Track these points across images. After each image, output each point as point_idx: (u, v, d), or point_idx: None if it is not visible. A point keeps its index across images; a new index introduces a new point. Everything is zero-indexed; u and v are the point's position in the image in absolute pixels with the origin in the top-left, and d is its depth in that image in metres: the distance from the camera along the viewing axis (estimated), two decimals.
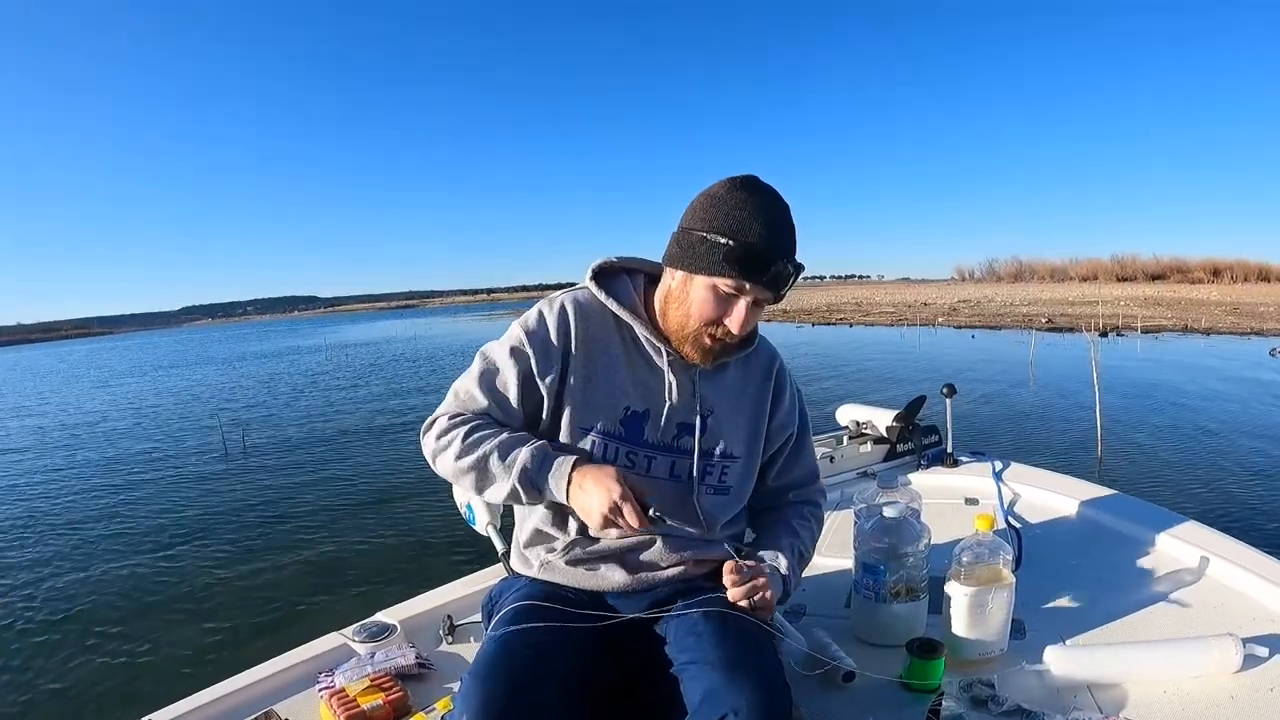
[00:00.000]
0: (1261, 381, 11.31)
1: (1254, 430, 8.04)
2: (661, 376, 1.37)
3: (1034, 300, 37.12)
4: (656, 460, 1.37)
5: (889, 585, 1.51)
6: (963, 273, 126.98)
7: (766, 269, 1.22)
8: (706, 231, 1.24)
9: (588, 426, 1.34)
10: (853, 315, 31.32)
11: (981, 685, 1.34)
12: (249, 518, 6.70)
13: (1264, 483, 6.11)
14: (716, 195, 1.26)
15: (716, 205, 1.25)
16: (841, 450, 2.65)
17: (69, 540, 6.39)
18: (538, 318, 1.38)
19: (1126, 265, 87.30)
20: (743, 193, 1.25)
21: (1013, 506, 2.28)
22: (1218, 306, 28.50)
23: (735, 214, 1.23)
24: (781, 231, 1.25)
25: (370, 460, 8.90)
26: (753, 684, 1.10)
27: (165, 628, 4.45)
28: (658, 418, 1.36)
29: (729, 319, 1.27)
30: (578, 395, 1.34)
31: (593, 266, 1.41)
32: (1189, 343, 17.98)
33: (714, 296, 1.26)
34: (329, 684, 1.51)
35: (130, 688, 3.70)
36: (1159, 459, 7.06)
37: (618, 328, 1.38)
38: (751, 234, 1.21)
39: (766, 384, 1.48)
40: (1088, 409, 7.85)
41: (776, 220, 1.24)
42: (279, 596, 4.83)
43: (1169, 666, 1.35)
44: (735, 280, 1.23)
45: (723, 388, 1.42)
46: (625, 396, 1.36)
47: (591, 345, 1.36)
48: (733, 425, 1.43)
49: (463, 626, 1.74)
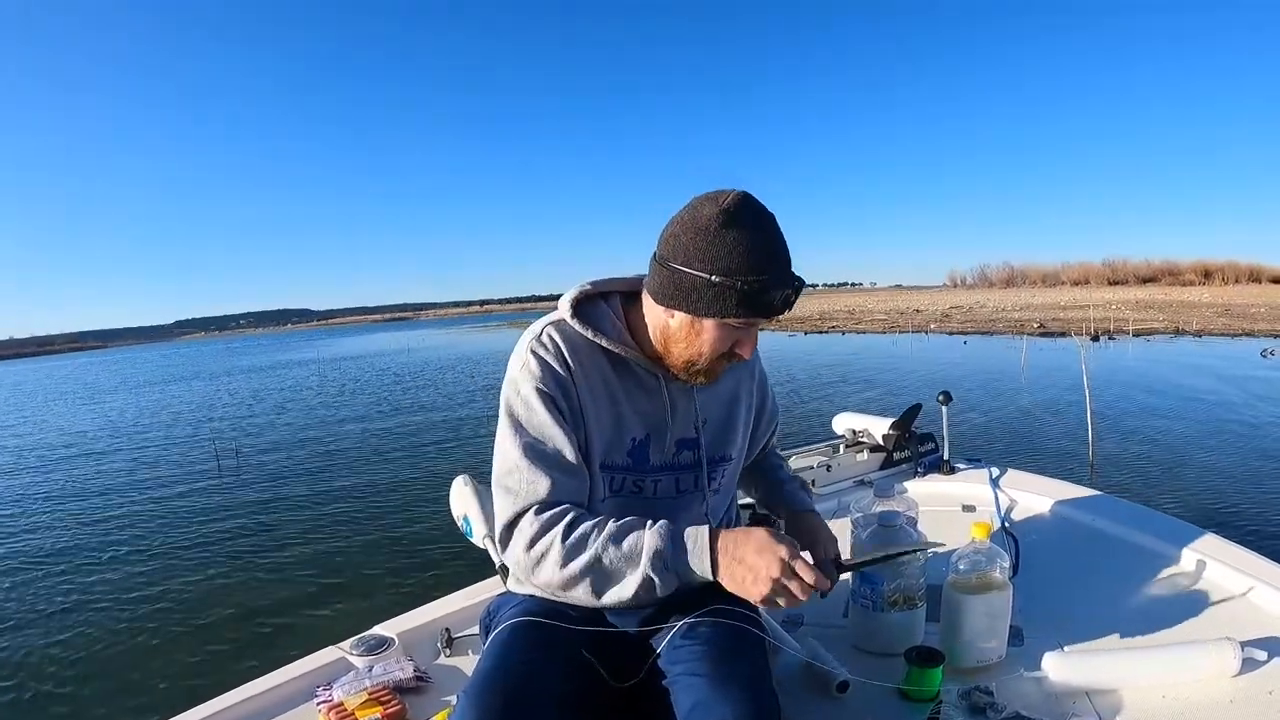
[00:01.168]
0: (1253, 383, 11.36)
1: (1245, 433, 8.08)
2: (659, 400, 1.34)
3: (1026, 305, 37.27)
4: (662, 481, 1.36)
5: (887, 594, 1.51)
6: (955, 279, 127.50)
7: (778, 301, 1.18)
8: (709, 274, 1.16)
9: (600, 464, 1.31)
10: (845, 323, 31.41)
11: (980, 693, 1.34)
12: (244, 531, 6.68)
13: (1256, 485, 6.14)
14: (712, 230, 1.16)
15: (714, 243, 1.16)
16: (838, 459, 2.65)
17: (62, 556, 6.36)
18: (539, 361, 1.27)
19: (1118, 268, 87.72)
20: (739, 225, 1.16)
21: (1010, 513, 2.28)
22: (1209, 308, 28.67)
23: (739, 252, 1.15)
24: (783, 258, 1.19)
25: (366, 473, 8.88)
26: (740, 696, 1.10)
27: (162, 642, 4.43)
28: (660, 440, 1.35)
29: (741, 348, 1.25)
30: (591, 433, 1.30)
31: (570, 297, 1.33)
32: (1180, 345, 18.09)
33: (727, 333, 1.22)
34: (327, 698, 1.50)
35: (128, 703, 3.69)
36: (1151, 461, 7.09)
37: (606, 358, 1.33)
38: (759, 270, 1.15)
39: (752, 383, 1.50)
40: (1079, 413, 7.88)
41: (782, 250, 1.19)
42: (276, 610, 4.80)
43: (1167, 671, 1.35)
44: (749, 319, 1.21)
45: (715, 395, 1.42)
46: (629, 429, 1.33)
47: (590, 380, 1.30)
48: (726, 429, 1.43)
49: (461, 639, 1.73)
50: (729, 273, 1.15)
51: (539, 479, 1.23)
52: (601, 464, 1.31)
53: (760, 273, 1.15)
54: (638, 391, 1.34)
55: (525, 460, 1.24)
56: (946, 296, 62.86)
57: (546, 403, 1.25)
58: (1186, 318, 24.20)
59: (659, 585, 1.16)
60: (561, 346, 1.28)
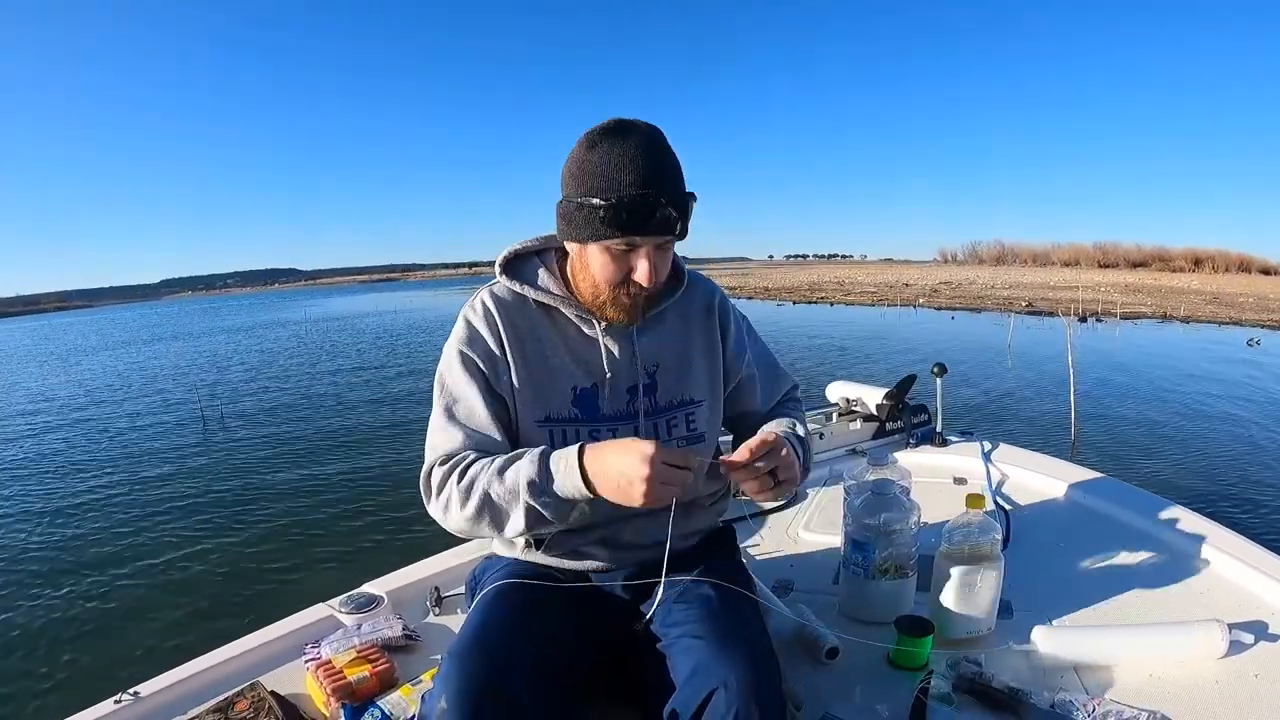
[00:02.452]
0: (1237, 370, 11.44)
1: (1226, 417, 8.15)
2: (598, 347, 1.32)
3: (1015, 284, 37.32)
4: (619, 431, 1.32)
5: (878, 562, 1.51)
6: (946, 255, 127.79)
7: (651, 217, 1.15)
8: (580, 196, 1.17)
9: (541, 418, 1.30)
10: (834, 294, 31.39)
11: (969, 664, 1.35)
12: (231, 490, 6.64)
13: (1238, 469, 6.20)
14: (579, 156, 1.18)
15: (582, 165, 1.17)
16: (831, 427, 2.64)
17: (52, 515, 6.31)
18: (466, 326, 1.32)
19: (1109, 252, 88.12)
20: (604, 143, 1.16)
21: (1000, 487, 2.29)
22: (1198, 295, 28.80)
23: (601, 170, 1.15)
24: (657, 172, 1.16)
25: (354, 431, 8.85)
26: (742, 657, 1.09)
27: (150, 600, 4.42)
28: (604, 388, 1.32)
29: (635, 274, 1.22)
30: (525, 390, 1.30)
31: (500, 258, 1.36)
32: (1167, 330, 18.18)
33: (610, 258, 1.21)
34: (315, 655, 1.50)
35: (116, 660, 3.69)
36: (1133, 443, 7.14)
37: (542, 312, 1.33)
38: (623, 186, 1.14)
39: (710, 319, 1.44)
40: (1063, 391, 7.93)
41: (648, 162, 1.16)
42: (264, 568, 4.79)
43: (1155, 650, 1.36)
44: (622, 238, 1.17)
45: (664, 337, 1.38)
46: (569, 377, 1.31)
47: (521, 336, 1.31)
48: (685, 371, 1.39)
49: (450, 598, 1.74)
50: (592, 191, 1.15)
51: (451, 435, 1.27)
52: (544, 418, 1.30)
53: (625, 189, 1.14)
54: (577, 339, 1.33)
55: (443, 419, 1.29)
56: (937, 272, 62.95)
57: (466, 364, 1.29)
58: (1175, 303, 24.29)
59: (547, 513, 1.16)
60: (490, 307, 1.31)
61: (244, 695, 1.38)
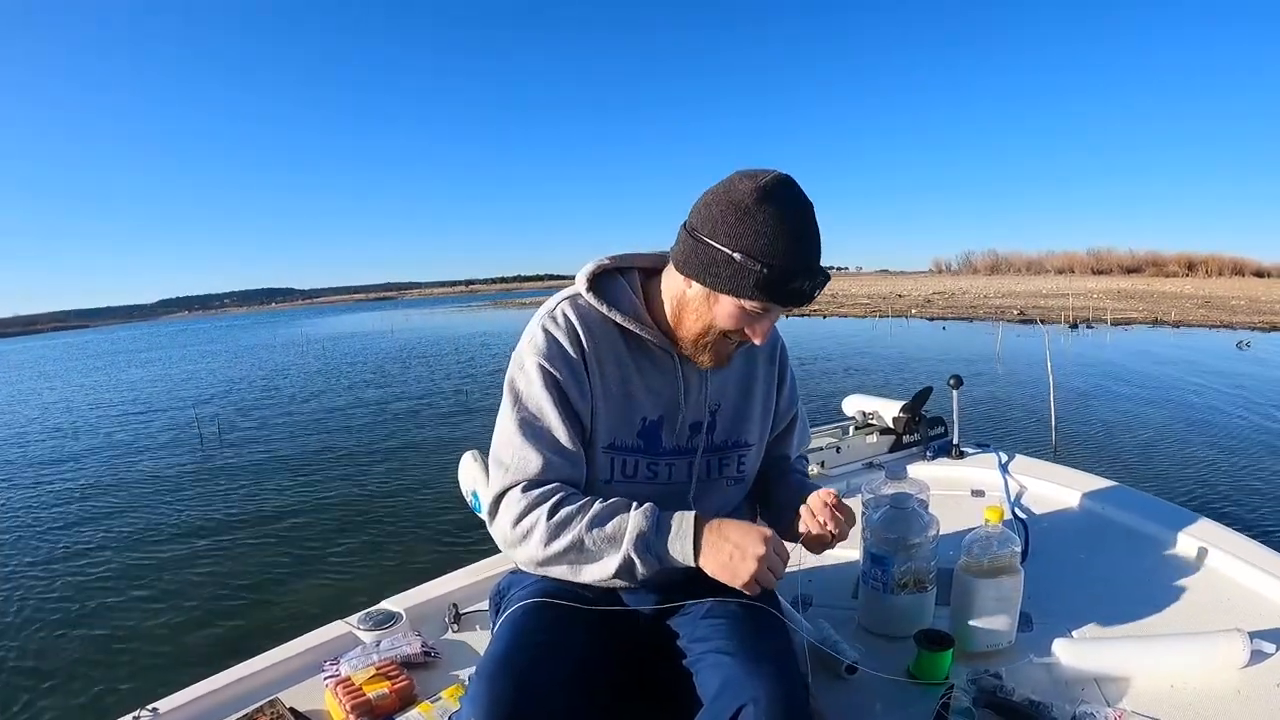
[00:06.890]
0: (1225, 373, 11.49)
1: (1210, 420, 8.24)
2: (673, 380, 1.32)
3: (1008, 293, 37.43)
4: (676, 466, 1.34)
5: (897, 576, 1.51)
6: (940, 265, 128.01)
7: (800, 292, 1.16)
8: (734, 250, 1.13)
9: (607, 444, 1.29)
10: (826, 307, 31.42)
11: (989, 677, 1.35)
12: (248, 509, 6.64)
13: (1223, 473, 6.22)
14: (744, 207, 1.13)
15: (744, 220, 1.13)
16: (848, 441, 2.63)
17: (72, 532, 6.32)
18: (547, 337, 1.26)
19: (1102, 258, 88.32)
20: (773, 208, 1.12)
21: (1019, 498, 2.29)
22: (1190, 300, 28.94)
23: (766, 234, 1.12)
24: (813, 249, 1.16)
25: (371, 449, 8.85)
26: (771, 673, 1.09)
27: (170, 618, 4.42)
28: (673, 422, 1.32)
29: (753, 333, 1.22)
30: (600, 414, 1.27)
31: (587, 272, 1.31)
32: (1158, 335, 18.28)
33: (740, 314, 1.19)
34: (334, 672, 1.50)
35: (136, 676, 3.67)
36: (1113, 446, 7.20)
37: (621, 335, 1.31)
38: (784, 258, 1.12)
39: (771, 368, 1.47)
40: (1044, 396, 8.00)
41: (808, 236, 1.15)
42: (283, 585, 4.79)
43: (1175, 661, 1.35)
44: (765, 304, 1.18)
45: (729, 378, 1.39)
46: (640, 407, 1.30)
47: (602, 357, 1.28)
48: (743, 414, 1.41)
49: (469, 615, 1.73)
50: (752, 253, 1.12)
51: (531, 455, 1.23)
52: (610, 445, 1.29)
53: (784, 259, 1.13)
54: (651, 370, 1.32)
55: (520, 435, 1.24)
56: (931, 282, 63.08)
57: (547, 380, 1.25)
58: (1166, 308, 24.42)
59: (639, 567, 1.17)
60: (574, 322, 1.27)
61: (263, 712, 1.38)
